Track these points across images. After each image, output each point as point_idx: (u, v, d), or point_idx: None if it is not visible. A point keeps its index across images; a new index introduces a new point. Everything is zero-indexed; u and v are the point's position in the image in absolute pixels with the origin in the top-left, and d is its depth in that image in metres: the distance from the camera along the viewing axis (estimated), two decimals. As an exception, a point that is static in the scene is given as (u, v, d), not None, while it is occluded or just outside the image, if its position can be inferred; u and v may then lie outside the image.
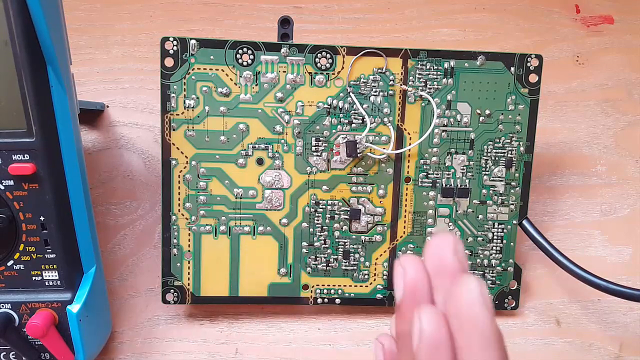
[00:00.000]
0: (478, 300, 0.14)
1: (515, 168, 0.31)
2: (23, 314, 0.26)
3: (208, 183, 0.30)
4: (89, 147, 0.33)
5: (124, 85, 0.33)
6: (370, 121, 0.30)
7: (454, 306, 0.15)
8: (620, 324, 0.34)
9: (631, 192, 0.35)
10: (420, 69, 0.30)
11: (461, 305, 0.14)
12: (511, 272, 0.32)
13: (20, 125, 0.24)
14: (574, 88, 0.35)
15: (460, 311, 0.14)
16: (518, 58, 0.30)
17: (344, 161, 0.30)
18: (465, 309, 0.14)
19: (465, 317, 0.14)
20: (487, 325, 0.14)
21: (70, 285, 0.27)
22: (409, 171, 0.30)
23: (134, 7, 0.33)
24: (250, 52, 0.29)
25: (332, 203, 0.30)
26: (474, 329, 0.14)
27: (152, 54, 0.33)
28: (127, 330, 0.32)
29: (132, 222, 0.33)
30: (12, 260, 0.26)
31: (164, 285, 0.30)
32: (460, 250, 0.16)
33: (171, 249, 0.30)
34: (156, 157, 0.33)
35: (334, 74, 0.29)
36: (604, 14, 0.35)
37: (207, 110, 0.29)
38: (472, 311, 0.14)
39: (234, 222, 0.30)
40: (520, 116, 0.30)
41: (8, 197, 0.25)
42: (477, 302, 0.14)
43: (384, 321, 0.33)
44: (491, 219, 0.31)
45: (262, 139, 0.30)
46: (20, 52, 0.23)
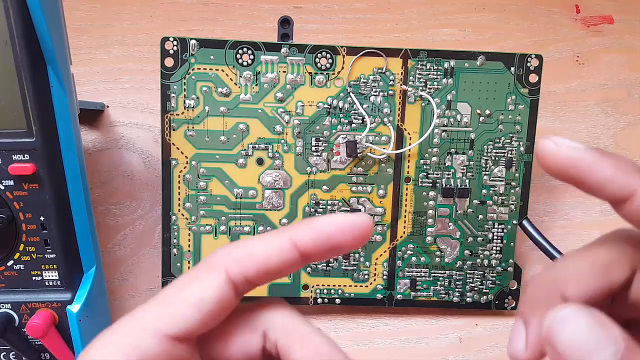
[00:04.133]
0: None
1: (515, 168, 0.31)
2: (23, 314, 0.26)
3: (208, 183, 0.30)
4: (89, 147, 0.33)
5: (124, 85, 0.33)
6: (370, 121, 0.30)
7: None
8: (620, 324, 0.34)
9: (631, 192, 0.35)
10: (420, 69, 0.30)
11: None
12: (511, 272, 0.32)
13: (20, 125, 0.24)
14: (574, 88, 0.35)
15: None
16: (518, 58, 0.30)
17: (344, 161, 0.30)
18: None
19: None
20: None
21: (70, 285, 0.27)
22: (409, 171, 0.30)
23: (134, 7, 0.33)
24: (250, 52, 0.29)
25: (332, 203, 0.30)
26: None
27: (152, 54, 0.33)
28: (127, 330, 0.32)
29: (132, 222, 0.33)
30: (12, 260, 0.26)
31: (164, 285, 0.30)
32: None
33: (171, 249, 0.30)
34: (156, 157, 0.33)
35: (334, 74, 0.29)
36: (604, 14, 0.35)
37: (207, 110, 0.29)
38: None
39: (234, 222, 0.30)
40: (520, 116, 0.30)
41: (8, 197, 0.25)
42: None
43: (384, 321, 0.33)
44: (491, 219, 0.31)
45: (262, 139, 0.30)
46: (20, 52, 0.23)
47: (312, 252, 0.14)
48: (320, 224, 0.14)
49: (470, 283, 0.31)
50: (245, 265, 0.14)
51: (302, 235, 0.14)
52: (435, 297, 0.32)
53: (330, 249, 0.14)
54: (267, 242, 0.14)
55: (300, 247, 0.14)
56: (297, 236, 0.14)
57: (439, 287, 0.31)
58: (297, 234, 0.14)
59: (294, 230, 0.14)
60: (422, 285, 0.31)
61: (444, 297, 0.32)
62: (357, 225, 0.14)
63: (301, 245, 0.14)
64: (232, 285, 0.14)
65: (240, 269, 0.14)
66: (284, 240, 0.14)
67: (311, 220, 0.14)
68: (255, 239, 0.14)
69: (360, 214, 0.14)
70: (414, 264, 0.31)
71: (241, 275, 0.14)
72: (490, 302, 0.32)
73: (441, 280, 0.31)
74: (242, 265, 0.14)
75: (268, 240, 0.14)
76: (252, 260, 0.14)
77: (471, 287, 0.31)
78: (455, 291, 0.31)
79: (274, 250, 0.14)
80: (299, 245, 0.14)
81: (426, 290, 0.31)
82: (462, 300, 0.32)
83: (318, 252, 0.14)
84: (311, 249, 0.14)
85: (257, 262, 0.14)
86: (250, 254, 0.14)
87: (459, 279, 0.31)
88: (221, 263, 0.14)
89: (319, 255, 0.14)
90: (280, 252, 0.14)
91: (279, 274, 0.14)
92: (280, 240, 0.14)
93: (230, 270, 0.14)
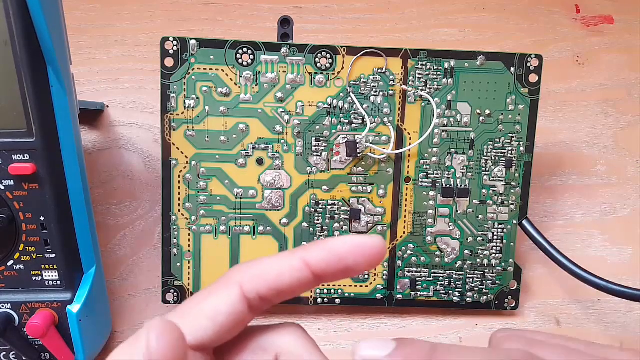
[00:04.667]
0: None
1: (515, 168, 0.31)
2: (23, 314, 0.26)
3: (208, 183, 0.30)
4: (89, 147, 0.33)
5: (124, 85, 0.33)
6: (370, 121, 0.30)
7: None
8: (620, 324, 0.34)
9: (631, 192, 0.35)
10: (420, 69, 0.30)
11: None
12: (511, 272, 0.32)
13: (20, 125, 0.24)
14: (574, 88, 0.35)
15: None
16: (518, 58, 0.30)
17: (344, 161, 0.30)
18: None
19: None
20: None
21: (70, 285, 0.27)
22: (409, 171, 0.30)
23: (134, 7, 0.33)
24: (250, 52, 0.29)
25: (332, 203, 0.30)
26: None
27: (152, 54, 0.33)
28: (127, 330, 0.32)
29: (132, 222, 0.33)
30: (12, 260, 0.26)
31: (164, 285, 0.30)
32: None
33: (171, 249, 0.30)
34: (156, 157, 0.33)
35: (334, 74, 0.29)
36: (604, 14, 0.35)
37: (207, 110, 0.29)
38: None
39: (234, 222, 0.30)
40: (520, 116, 0.30)
41: (8, 197, 0.25)
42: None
43: (384, 321, 0.33)
44: (491, 219, 0.31)
45: (262, 139, 0.30)
46: (20, 52, 0.23)
47: (324, 272, 0.14)
48: (332, 244, 0.14)
49: (470, 283, 0.31)
50: (258, 283, 0.14)
51: (314, 256, 0.14)
52: (435, 297, 0.32)
53: (342, 269, 0.14)
54: (280, 262, 0.14)
55: (312, 266, 0.14)
56: (309, 256, 0.14)
57: (439, 287, 0.31)
58: (309, 255, 0.14)
59: (306, 251, 0.14)
60: (422, 285, 0.31)
61: (444, 297, 0.32)
62: (368, 247, 0.14)
63: (313, 265, 0.14)
64: (246, 301, 0.14)
65: (254, 285, 0.14)
66: (296, 260, 0.14)
67: (324, 241, 0.14)
68: (269, 258, 0.15)
69: (373, 236, 0.14)
70: (414, 264, 0.31)
71: (254, 292, 0.14)
72: (490, 302, 0.32)
73: (441, 280, 0.31)
74: (255, 282, 0.14)
75: (281, 260, 0.14)
76: (265, 277, 0.14)
77: (471, 287, 0.31)
78: (455, 291, 0.31)
79: (286, 269, 0.14)
80: (311, 265, 0.14)
81: (426, 290, 0.31)
82: (462, 300, 0.32)
83: (330, 272, 0.14)
84: (323, 269, 0.14)
85: (269, 280, 0.14)
86: (263, 271, 0.14)
87: (459, 279, 0.31)
88: (236, 279, 0.14)
89: (332, 276, 0.14)
90: (292, 271, 0.14)
91: (291, 293, 0.15)
92: (292, 259, 0.14)
93: (245, 286, 0.14)
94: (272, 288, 0.14)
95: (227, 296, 0.14)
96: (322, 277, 0.14)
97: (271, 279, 0.14)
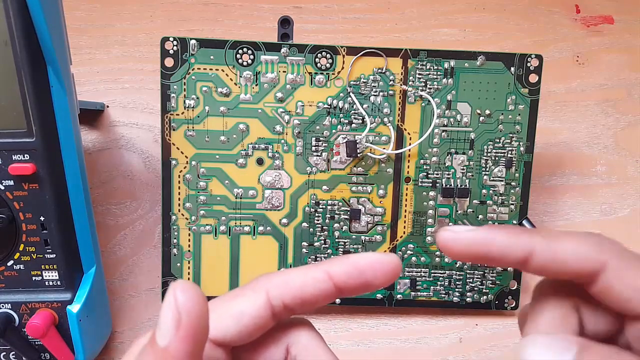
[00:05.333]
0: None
1: (515, 168, 0.31)
2: (23, 314, 0.26)
3: (208, 183, 0.30)
4: (89, 147, 0.33)
5: (124, 85, 0.33)
6: (370, 121, 0.30)
7: None
8: (620, 324, 0.34)
9: (631, 192, 0.35)
10: (420, 69, 0.30)
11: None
12: (511, 272, 0.32)
13: (20, 125, 0.24)
14: (574, 88, 0.35)
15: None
16: (518, 58, 0.30)
17: (344, 161, 0.30)
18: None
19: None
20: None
21: (70, 285, 0.27)
22: (409, 171, 0.30)
23: (134, 7, 0.33)
24: (250, 52, 0.29)
25: (332, 203, 0.30)
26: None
27: (152, 54, 0.33)
28: (127, 330, 0.32)
29: (132, 222, 0.33)
30: (12, 260, 0.26)
31: (164, 285, 0.30)
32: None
33: (171, 249, 0.30)
34: (156, 157, 0.33)
35: (334, 74, 0.29)
36: (604, 14, 0.35)
37: (207, 110, 0.29)
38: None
39: (234, 222, 0.30)
40: (520, 116, 0.30)
41: (8, 197, 0.25)
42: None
43: (384, 321, 0.33)
44: (491, 219, 0.31)
45: (262, 139, 0.30)
46: (20, 52, 0.23)
47: (346, 284, 0.15)
48: (354, 259, 0.15)
49: (470, 283, 0.31)
50: (283, 291, 0.15)
51: (337, 269, 0.15)
52: (435, 297, 0.32)
53: (362, 283, 0.15)
54: (304, 273, 0.15)
55: (334, 278, 0.15)
56: (332, 269, 0.15)
57: (439, 287, 0.31)
58: (332, 267, 0.15)
59: (329, 264, 0.15)
60: (422, 285, 0.31)
61: (444, 297, 0.32)
62: (385, 263, 0.15)
63: (335, 277, 0.15)
64: (270, 307, 0.15)
65: (279, 293, 0.15)
66: (319, 272, 0.15)
67: (346, 256, 0.15)
68: (294, 269, 0.16)
69: (391, 254, 0.15)
70: (414, 264, 0.31)
71: (279, 300, 0.15)
72: (490, 302, 0.32)
73: (441, 280, 0.31)
74: (281, 290, 0.15)
75: (305, 271, 0.15)
76: (290, 287, 0.15)
77: (471, 287, 0.31)
78: (455, 291, 0.31)
79: (310, 280, 0.15)
80: (334, 277, 0.15)
81: (426, 290, 0.31)
82: (462, 300, 0.32)
83: (351, 285, 0.15)
84: (345, 282, 0.15)
85: (294, 289, 0.15)
86: (289, 281, 0.15)
87: (459, 279, 0.31)
88: (263, 286, 0.15)
89: (352, 289, 0.15)
90: (315, 282, 0.15)
91: (315, 303, 0.15)
92: (316, 271, 0.15)
93: (270, 293, 0.15)
94: (296, 297, 0.15)
95: (253, 300, 0.15)
96: (343, 290, 0.15)
97: (296, 288, 0.15)
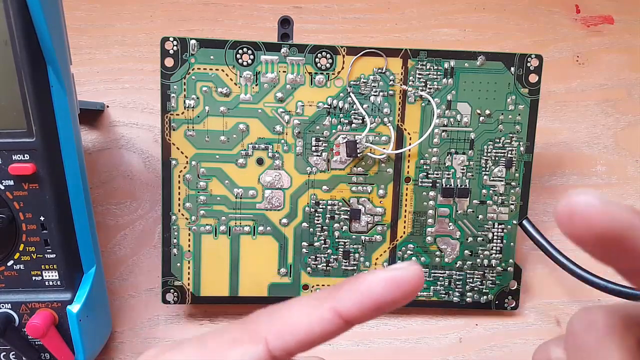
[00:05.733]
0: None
1: (515, 168, 0.31)
2: (23, 314, 0.26)
3: (208, 183, 0.30)
4: (89, 147, 0.33)
5: (124, 85, 0.33)
6: (370, 121, 0.30)
7: None
8: (620, 324, 0.34)
9: (631, 192, 0.35)
10: (420, 69, 0.30)
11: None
12: (511, 272, 0.32)
13: (20, 125, 0.24)
14: (574, 88, 0.35)
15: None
16: (518, 58, 0.30)
17: (344, 161, 0.30)
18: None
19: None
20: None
21: (70, 285, 0.27)
22: (409, 171, 0.30)
23: (134, 7, 0.33)
24: (250, 52, 0.29)
25: (332, 203, 0.30)
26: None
27: (152, 54, 0.33)
28: (127, 330, 0.32)
29: (132, 222, 0.33)
30: (12, 260, 0.26)
31: (164, 285, 0.30)
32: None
33: (171, 249, 0.30)
34: (156, 157, 0.33)
35: (334, 74, 0.29)
36: (604, 14, 0.35)
37: (207, 110, 0.29)
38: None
39: (234, 222, 0.30)
40: (520, 116, 0.30)
41: (8, 197, 0.25)
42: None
43: (384, 321, 0.33)
44: (491, 219, 0.31)
45: (262, 139, 0.30)
46: (20, 52, 0.23)
47: (358, 317, 0.13)
48: (366, 286, 0.13)
49: (470, 283, 0.31)
50: (286, 340, 0.13)
51: (346, 305, 0.13)
52: (435, 297, 0.32)
53: (378, 309, 0.13)
54: (309, 313, 0.14)
55: (344, 316, 0.13)
56: (341, 306, 0.13)
57: (439, 287, 0.31)
58: (340, 304, 0.13)
59: (337, 299, 0.13)
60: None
61: (444, 297, 0.32)
62: (406, 281, 0.13)
63: (345, 315, 0.13)
64: (270, 356, 0.13)
65: (281, 343, 0.13)
66: (327, 311, 0.13)
67: (355, 282, 0.13)
68: (296, 306, 0.14)
69: (407, 265, 0.13)
70: (414, 264, 0.31)
71: (281, 349, 0.13)
72: (490, 302, 0.32)
73: (441, 280, 0.31)
74: (283, 339, 0.13)
75: (311, 312, 0.14)
76: (294, 334, 0.13)
77: (471, 287, 0.31)
78: (455, 291, 0.31)
79: (316, 323, 0.13)
80: (343, 315, 0.13)
81: (426, 290, 0.31)
82: (462, 300, 0.32)
83: (364, 316, 0.13)
84: (356, 317, 0.13)
85: (298, 336, 0.13)
86: (292, 328, 0.14)
87: (459, 279, 0.31)
88: (263, 333, 0.14)
89: (365, 318, 0.14)
90: (322, 324, 0.13)
91: (321, 343, 0.14)
92: (323, 311, 0.13)
93: (271, 343, 0.13)
94: (301, 342, 0.13)
95: (251, 352, 0.13)
96: (355, 322, 0.14)
97: (301, 334, 0.13)
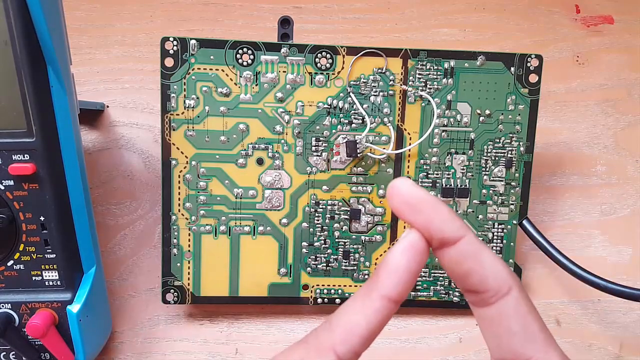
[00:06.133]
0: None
1: (515, 168, 0.31)
2: (23, 314, 0.26)
3: (208, 183, 0.30)
4: (89, 147, 0.33)
5: (124, 85, 0.33)
6: (370, 121, 0.30)
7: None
8: (620, 324, 0.34)
9: (631, 192, 0.35)
10: (420, 69, 0.30)
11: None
12: (511, 272, 0.32)
13: (20, 125, 0.24)
14: (574, 88, 0.35)
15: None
16: (518, 58, 0.30)
17: (344, 161, 0.30)
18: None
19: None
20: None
21: (70, 285, 0.27)
22: (409, 171, 0.30)
23: (134, 7, 0.33)
24: (250, 52, 0.29)
25: (332, 203, 0.30)
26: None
27: (152, 54, 0.33)
28: (127, 330, 0.32)
29: (132, 222, 0.33)
30: (12, 260, 0.26)
31: (164, 285, 0.30)
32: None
33: (171, 249, 0.30)
34: (156, 157, 0.33)
35: (334, 74, 0.29)
36: (604, 14, 0.35)
37: (207, 110, 0.29)
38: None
39: (234, 222, 0.30)
40: (520, 116, 0.30)
41: (8, 197, 0.25)
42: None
43: (384, 321, 0.33)
44: (491, 219, 0.31)
45: (262, 139, 0.30)
46: (20, 52, 0.23)
47: (405, 292, 0.14)
48: (395, 265, 0.14)
49: (470, 283, 0.31)
50: (353, 342, 0.14)
51: (391, 288, 0.14)
52: (435, 297, 0.32)
53: (416, 274, 0.14)
54: (363, 309, 0.14)
55: (394, 297, 0.14)
56: (387, 291, 0.14)
57: (439, 287, 0.31)
58: (386, 289, 0.14)
59: (380, 284, 0.14)
60: (422, 285, 0.31)
61: (444, 297, 0.32)
62: (416, 240, 0.15)
63: (395, 296, 0.14)
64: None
65: (349, 347, 0.14)
66: (378, 300, 0.14)
67: (385, 267, 0.14)
68: (350, 307, 0.15)
69: (407, 232, 0.15)
70: (414, 264, 0.31)
71: (350, 352, 0.14)
72: (490, 302, 0.32)
73: (441, 280, 0.31)
74: (349, 343, 0.14)
75: (364, 306, 0.14)
76: (358, 334, 0.14)
77: (471, 287, 0.31)
78: (455, 291, 0.31)
79: (374, 316, 0.14)
80: (394, 297, 0.14)
81: (426, 290, 0.31)
82: (462, 300, 0.32)
83: (409, 288, 0.14)
84: (403, 291, 0.14)
85: (362, 335, 0.14)
86: (354, 330, 0.14)
87: (459, 279, 0.31)
88: (328, 344, 0.14)
89: (409, 289, 0.14)
90: (377, 314, 0.14)
91: (380, 332, 0.14)
92: (375, 302, 0.14)
93: (339, 351, 0.14)
94: (365, 339, 0.14)
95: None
96: (403, 298, 0.14)
97: (364, 333, 0.14)
